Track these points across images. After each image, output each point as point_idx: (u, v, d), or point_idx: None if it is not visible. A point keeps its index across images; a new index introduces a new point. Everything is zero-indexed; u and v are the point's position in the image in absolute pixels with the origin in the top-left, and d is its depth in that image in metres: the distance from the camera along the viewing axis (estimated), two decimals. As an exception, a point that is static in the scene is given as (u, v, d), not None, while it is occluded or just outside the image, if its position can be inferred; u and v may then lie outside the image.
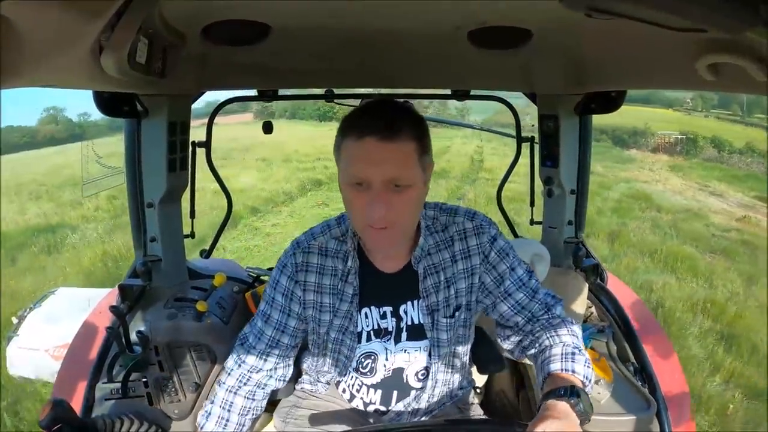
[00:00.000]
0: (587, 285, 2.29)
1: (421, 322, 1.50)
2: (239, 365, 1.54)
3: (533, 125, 2.53)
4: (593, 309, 2.30)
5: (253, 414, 1.56)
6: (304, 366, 1.72)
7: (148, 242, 2.21)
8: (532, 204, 2.66)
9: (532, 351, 1.42)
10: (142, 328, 1.93)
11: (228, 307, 2.19)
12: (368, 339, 1.52)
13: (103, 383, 1.81)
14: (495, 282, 1.48)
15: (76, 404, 1.75)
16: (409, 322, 1.51)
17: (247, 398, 1.54)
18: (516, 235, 2.89)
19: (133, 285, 2.15)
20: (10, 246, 9.30)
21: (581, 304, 2.19)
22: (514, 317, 1.49)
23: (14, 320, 5.16)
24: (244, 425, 1.53)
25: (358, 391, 1.63)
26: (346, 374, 1.60)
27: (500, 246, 1.48)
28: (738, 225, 11.43)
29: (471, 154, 19.48)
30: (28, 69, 0.88)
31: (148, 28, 1.30)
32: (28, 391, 4.69)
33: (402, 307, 1.50)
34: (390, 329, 1.51)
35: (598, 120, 2.40)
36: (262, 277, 2.58)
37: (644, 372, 1.97)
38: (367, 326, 1.51)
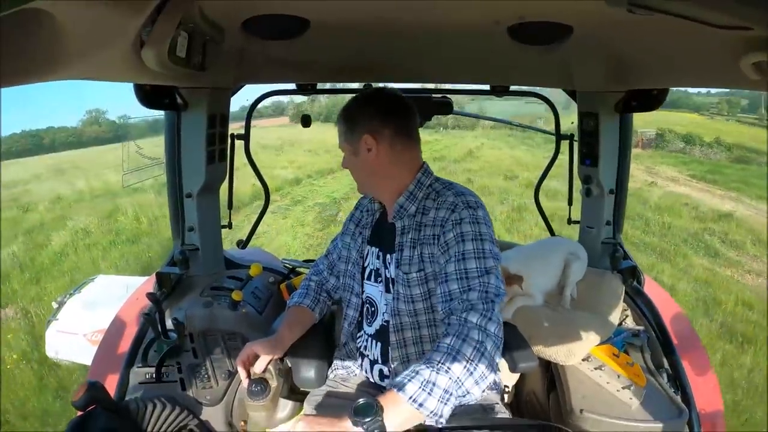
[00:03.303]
0: (624, 287, 2.23)
1: (392, 276, 1.64)
2: (313, 268, 2.03)
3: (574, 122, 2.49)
4: (629, 312, 2.24)
5: (324, 295, 1.93)
6: (338, 343, 1.84)
7: (186, 232, 2.26)
8: (570, 203, 2.62)
9: None
10: (178, 316, 1.97)
11: (263, 297, 2.24)
12: (369, 278, 1.74)
13: (137, 367, 1.86)
14: (444, 263, 1.50)
15: (111, 387, 1.80)
16: (388, 275, 1.66)
17: (318, 284, 1.95)
18: (553, 233, 2.85)
19: (171, 273, 2.20)
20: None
21: (617, 307, 2.14)
22: (439, 305, 1.49)
23: (54, 305, 5.35)
24: (318, 299, 1.91)
25: (365, 348, 1.74)
26: (361, 326, 1.76)
27: (462, 230, 1.49)
28: (642, 186, 14.85)
29: (471, 148, 22.83)
30: (71, 62, 0.91)
31: (189, 23, 1.33)
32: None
33: (387, 257, 1.68)
34: (381, 272, 1.70)
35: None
36: (297, 269, 2.61)
37: (678, 379, 1.90)
38: (371, 264, 1.73)
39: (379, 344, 1.68)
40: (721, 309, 7.20)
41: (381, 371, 1.69)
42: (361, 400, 1.19)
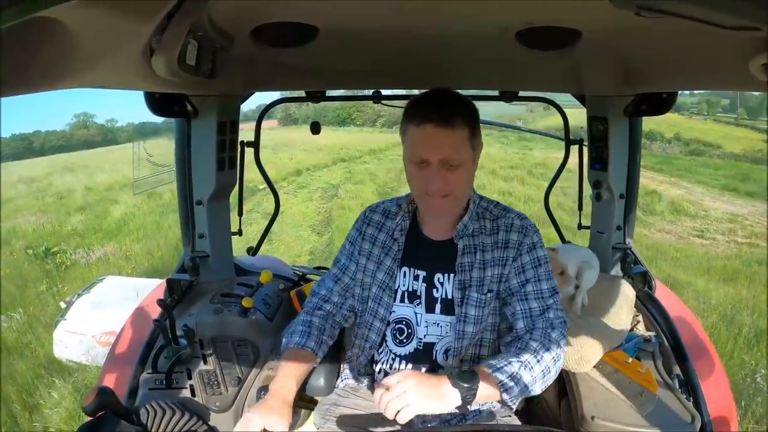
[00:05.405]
0: (635, 293, 2.22)
1: (453, 296, 1.61)
2: (314, 296, 1.80)
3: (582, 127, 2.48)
4: (640, 318, 2.23)
5: (327, 335, 1.73)
6: (347, 353, 1.81)
7: (196, 239, 2.27)
8: (580, 208, 2.61)
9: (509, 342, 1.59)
10: (188, 322, 1.98)
11: (273, 304, 2.24)
12: (402, 300, 1.66)
13: (147, 373, 1.86)
14: (519, 284, 1.58)
15: (120, 392, 1.80)
16: (443, 295, 1.62)
17: (322, 319, 1.75)
18: (563, 240, 2.83)
19: (181, 280, 2.21)
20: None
21: (628, 313, 2.12)
22: (518, 321, 1.57)
23: (62, 305, 5.37)
24: (321, 341, 1.70)
25: (391, 367, 1.68)
26: (382, 345, 1.70)
27: (537, 255, 1.59)
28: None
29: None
30: (80, 71, 0.91)
31: (198, 31, 1.32)
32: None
33: (437, 277, 1.64)
34: (419, 293, 1.64)
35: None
36: (307, 276, 2.61)
37: (690, 385, 1.89)
38: (404, 285, 1.67)
39: (409, 365, 1.65)
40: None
41: None
42: (465, 368, 1.44)
